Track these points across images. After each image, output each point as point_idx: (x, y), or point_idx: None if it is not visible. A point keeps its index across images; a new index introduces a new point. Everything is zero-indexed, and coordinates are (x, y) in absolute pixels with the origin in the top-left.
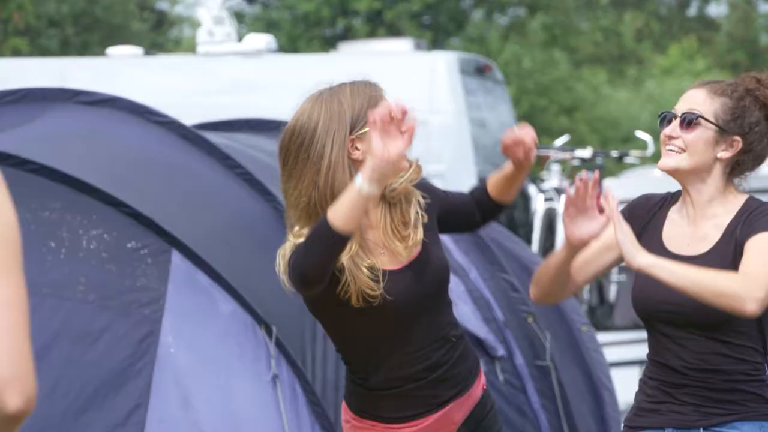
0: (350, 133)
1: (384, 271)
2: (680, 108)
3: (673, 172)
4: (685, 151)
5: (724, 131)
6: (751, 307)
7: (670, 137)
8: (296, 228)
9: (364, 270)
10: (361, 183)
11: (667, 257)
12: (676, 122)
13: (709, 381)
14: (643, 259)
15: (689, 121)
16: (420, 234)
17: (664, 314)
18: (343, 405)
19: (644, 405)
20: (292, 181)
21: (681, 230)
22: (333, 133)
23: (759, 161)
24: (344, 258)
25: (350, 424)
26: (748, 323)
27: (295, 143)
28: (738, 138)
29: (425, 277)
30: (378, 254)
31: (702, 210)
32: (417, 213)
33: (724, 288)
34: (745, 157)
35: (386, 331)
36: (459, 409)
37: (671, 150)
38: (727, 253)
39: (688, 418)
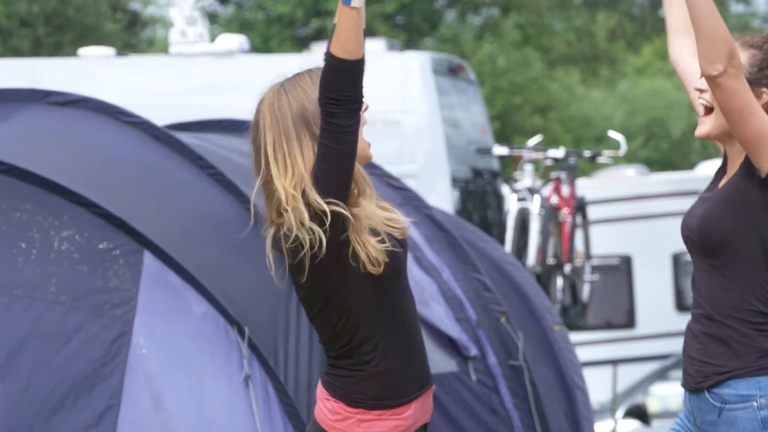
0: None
1: (387, 234)
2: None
3: (707, 138)
4: (711, 107)
5: (750, 82)
6: (714, 67)
7: (701, 90)
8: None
9: (369, 233)
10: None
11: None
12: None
13: (714, 328)
14: None
15: None
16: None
17: (685, 239)
18: (334, 407)
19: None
20: (297, 161)
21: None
22: (305, 119)
23: None
24: (351, 234)
25: (352, 420)
26: (752, 262)
27: (275, 135)
28: (765, 90)
29: (406, 252)
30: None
31: (733, 160)
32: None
33: (709, 39)
34: None
35: (392, 306)
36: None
37: (701, 103)
38: (729, 192)
39: (693, 379)
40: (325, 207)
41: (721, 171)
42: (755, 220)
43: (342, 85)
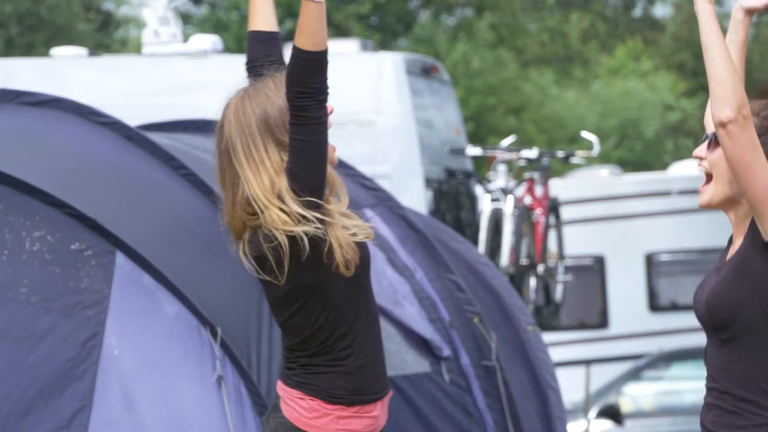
0: (283, 122)
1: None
2: (710, 129)
3: (708, 207)
4: (711, 174)
5: None
6: (725, 113)
7: (699, 158)
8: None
9: (343, 231)
10: None
11: (719, 265)
12: (705, 143)
13: (724, 401)
14: (702, 5)
15: (711, 141)
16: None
17: (696, 315)
18: (311, 404)
19: None
20: (260, 170)
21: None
22: (269, 125)
23: None
24: (328, 229)
25: (331, 417)
26: (760, 331)
27: (241, 141)
28: None
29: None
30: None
31: (738, 227)
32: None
33: (721, 85)
34: None
35: (364, 299)
36: None
37: (701, 169)
38: (736, 263)
39: None
40: (305, 213)
41: (730, 241)
42: (760, 289)
43: (310, 78)
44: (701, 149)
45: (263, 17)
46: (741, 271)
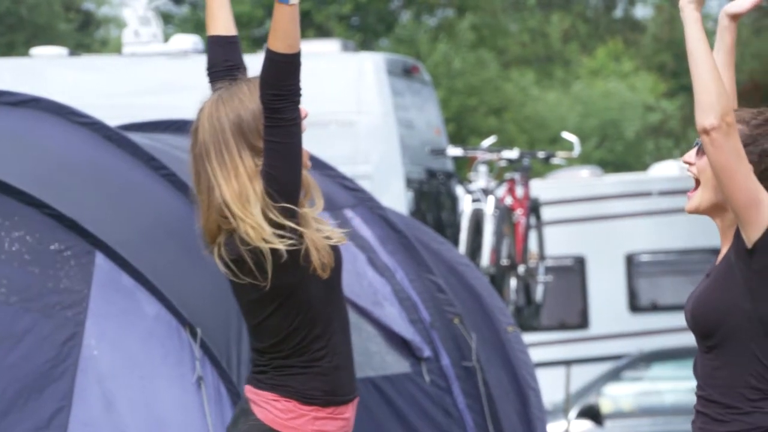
0: (257, 127)
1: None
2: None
3: (696, 212)
4: (699, 181)
5: None
6: (708, 120)
7: (688, 163)
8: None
9: (320, 236)
10: None
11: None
12: (695, 149)
13: (710, 408)
14: (689, 12)
15: (700, 147)
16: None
17: (687, 323)
18: (286, 406)
19: None
20: (230, 176)
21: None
22: (242, 130)
23: None
24: (305, 231)
25: (307, 418)
26: (744, 337)
27: (214, 146)
28: (750, 165)
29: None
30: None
31: (725, 234)
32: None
33: (706, 91)
34: (764, 186)
35: (337, 301)
36: None
37: (689, 175)
38: (721, 270)
39: None
40: (282, 222)
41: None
42: (743, 296)
43: (285, 80)
44: (690, 155)
45: (222, 21)
46: (726, 278)
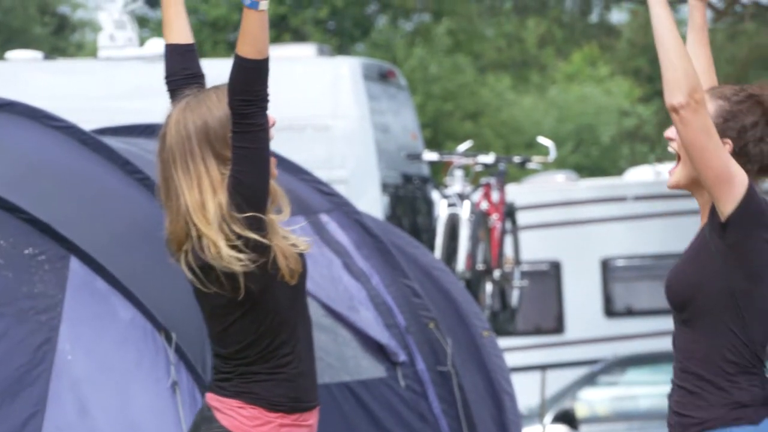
0: (224, 135)
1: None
2: None
3: (676, 187)
4: (679, 156)
5: None
6: (676, 98)
7: (669, 138)
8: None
9: (287, 244)
10: (259, 2)
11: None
12: None
13: (688, 381)
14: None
15: None
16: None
17: (666, 297)
18: (252, 413)
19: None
20: (193, 185)
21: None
22: (209, 138)
23: (764, 169)
24: (272, 237)
25: (273, 425)
26: (719, 311)
27: (180, 153)
28: (728, 140)
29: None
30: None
31: (704, 211)
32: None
33: (672, 70)
34: (741, 160)
35: (302, 307)
36: None
37: (670, 151)
38: (697, 245)
39: (674, 430)
40: (246, 234)
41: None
42: (719, 269)
43: (253, 85)
44: (672, 131)
45: (178, 30)
46: (701, 252)
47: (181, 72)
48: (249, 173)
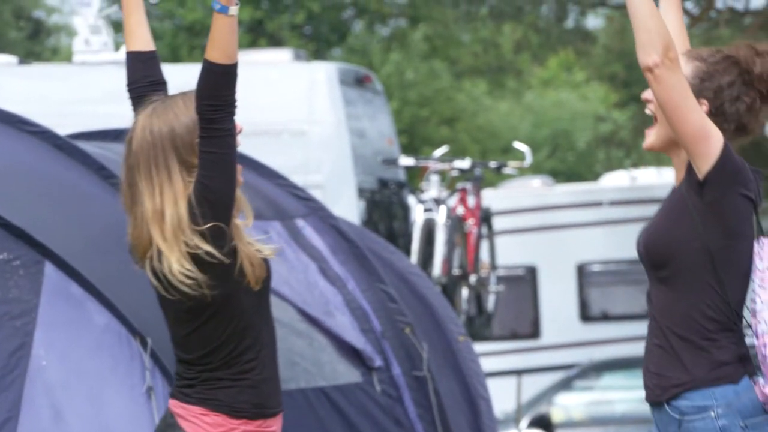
0: (191, 142)
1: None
2: None
3: (651, 149)
4: (656, 117)
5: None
6: (650, 57)
7: (646, 100)
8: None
9: (252, 250)
10: (228, 7)
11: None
12: None
13: (667, 341)
14: None
15: None
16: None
17: (638, 254)
18: (216, 420)
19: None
20: (155, 192)
21: None
22: (175, 144)
23: (741, 129)
24: (238, 243)
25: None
26: (699, 269)
27: (144, 160)
28: (704, 101)
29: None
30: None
31: (679, 171)
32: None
33: (645, 30)
34: (717, 120)
35: (266, 313)
36: None
37: (647, 113)
38: (673, 203)
39: (652, 393)
40: (205, 245)
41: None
42: (697, 227)
43: (222, 90)
44: (649, 92)
45: (140, 37)
46: (678, 210)
47: (144, 79)
48: (216, 178)
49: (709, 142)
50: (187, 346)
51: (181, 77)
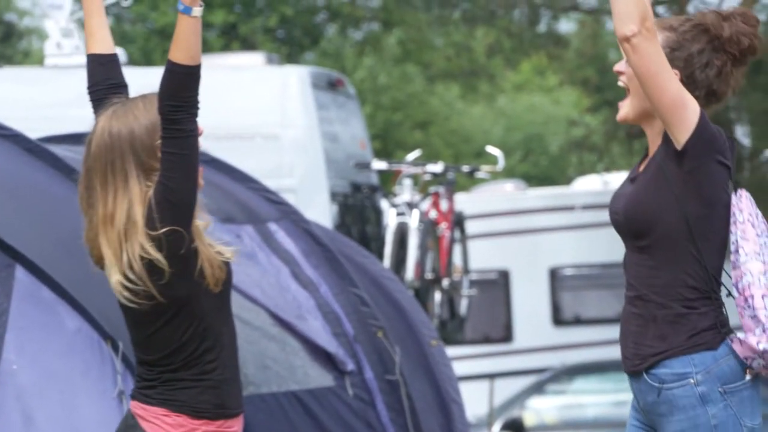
0: (151, 144)
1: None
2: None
3: (625, 121)
4: (629, 90)
5: None
6: (628, 27)
7: (618, 72)
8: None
9: (213, 252)
10: (192, 8)
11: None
12: (624, 60)
13: (646, 309)
14: None
15: None
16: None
17: (613, 222)
18: (177, 420)
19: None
20: (108, 196)
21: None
22: (135, 147)
23: (712, 95)
24: (199, 244)
25: None
26: (679, 237)
27: (101, 162)
28: (675, 70)
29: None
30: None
31: (653, 143)
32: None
33: (623, 1)
34: (689, 88)
35: (227, 315)
36: None
37: (620, 85)
38: (651, 173)
39: (631, 363)
40: (154, 253)
41: (644, 155)
42: (676, 196)
43: (184, 91)
44: (621, 64)
45: (101, 40)
46: (657, 180)
47: (104, 82)
48: (178, 179)
49: (687, 112)
50: (147, 347)
51: (154, 81)
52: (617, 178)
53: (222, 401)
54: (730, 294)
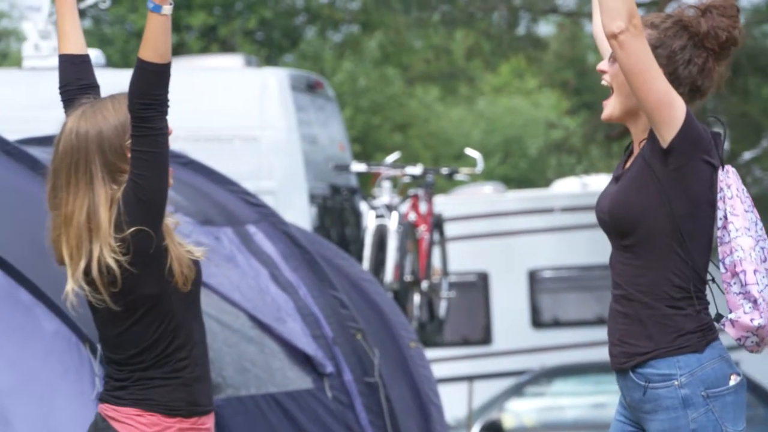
0: (120, 145)
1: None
2: (601, 43)
3: (610, 120)
4: (613, 88)
5: None
6: (616, 24)
7: (601, 71)
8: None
9: (183, 251)
10: (162, 6)
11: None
12: (608, 57)
13: (632, 308)
14: None
15: (612, 55)
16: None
17: (599, 221)
18: (151, 420)
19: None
20: (69, 197)
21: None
22: (102, 148)
23: (695, 91)
24: (169, 243)
25: (172, 430)
26: (665, 236)
27: (67, 162)
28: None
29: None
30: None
31: (638, 140)
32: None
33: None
34: (672, 85)
35: (197, 313)
36: None
37: (603, 84)
38: (636, 172)
39: (617, 360)
40: (118, 256)
41: (628, 152)
42: (662, 194)
43: (154, 89)
44: (604, 64)
45: (73, 41)
46: (642, 178)
47: (76, 82)
48: (148, 177)
49: (673, 110)
50: (117, 346)
51: (128, 81)
52: (596, 181)
53: (194, 399)
54: (713, 280)
